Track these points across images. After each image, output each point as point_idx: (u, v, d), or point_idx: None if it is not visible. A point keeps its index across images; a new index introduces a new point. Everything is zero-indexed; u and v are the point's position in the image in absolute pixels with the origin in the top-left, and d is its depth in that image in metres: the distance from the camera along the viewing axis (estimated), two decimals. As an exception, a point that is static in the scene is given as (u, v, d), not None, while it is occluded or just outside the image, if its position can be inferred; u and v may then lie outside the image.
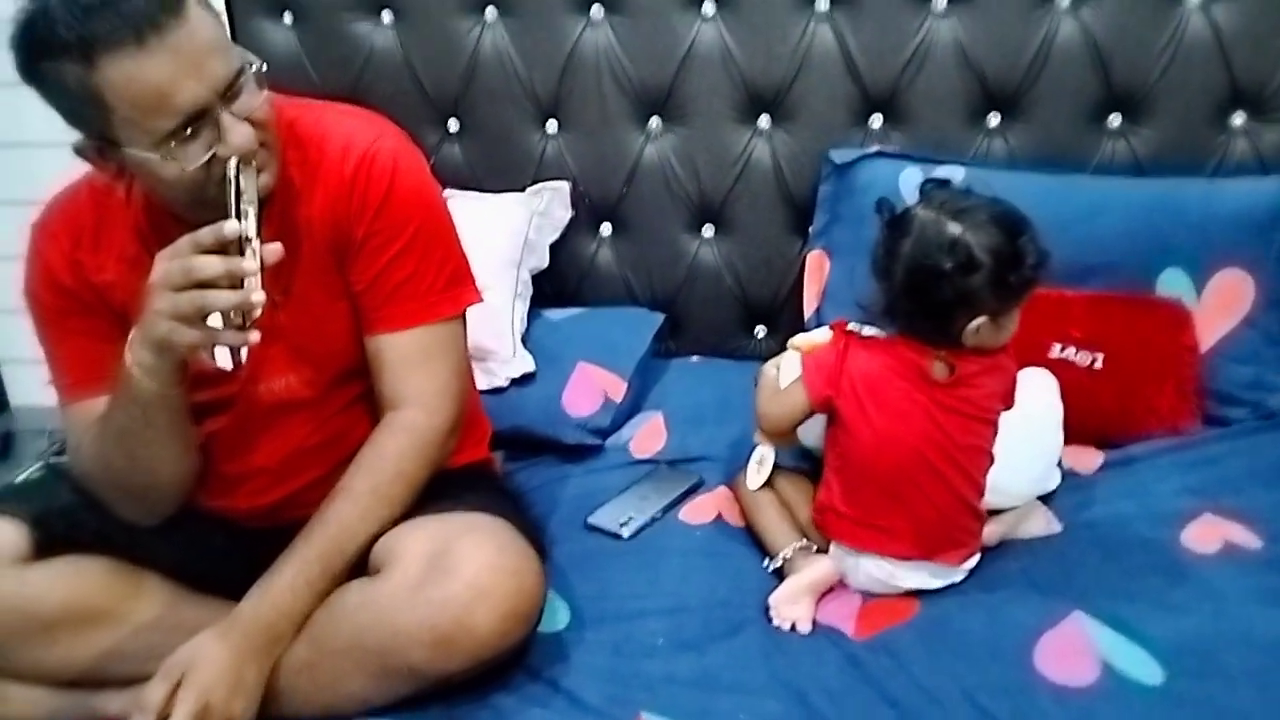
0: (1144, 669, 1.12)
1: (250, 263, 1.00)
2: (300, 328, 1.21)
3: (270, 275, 1.02)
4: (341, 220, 1.18)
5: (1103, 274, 1.60)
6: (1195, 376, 1.57)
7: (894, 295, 1.23)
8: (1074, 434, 1.50)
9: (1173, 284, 1.58)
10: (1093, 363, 1.55)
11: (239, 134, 1.03)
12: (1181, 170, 1.67)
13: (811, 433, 1.38)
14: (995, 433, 1.28)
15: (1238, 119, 1.66)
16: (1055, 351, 1.56)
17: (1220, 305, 1.58)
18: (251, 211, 1.04)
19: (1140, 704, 1.08)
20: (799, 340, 1.39)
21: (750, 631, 1.22)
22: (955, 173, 1.67)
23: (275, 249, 1.03)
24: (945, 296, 1.19)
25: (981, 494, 1.28)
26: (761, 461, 1.39)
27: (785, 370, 1.37)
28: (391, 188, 1.19)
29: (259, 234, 1.03)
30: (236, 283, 1.00)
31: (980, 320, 1.20)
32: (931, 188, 1.27)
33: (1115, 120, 1.70)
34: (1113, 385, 1.55)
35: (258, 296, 1.00)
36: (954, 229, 1.19)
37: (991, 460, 1.28)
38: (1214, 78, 1.63)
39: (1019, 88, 1.69)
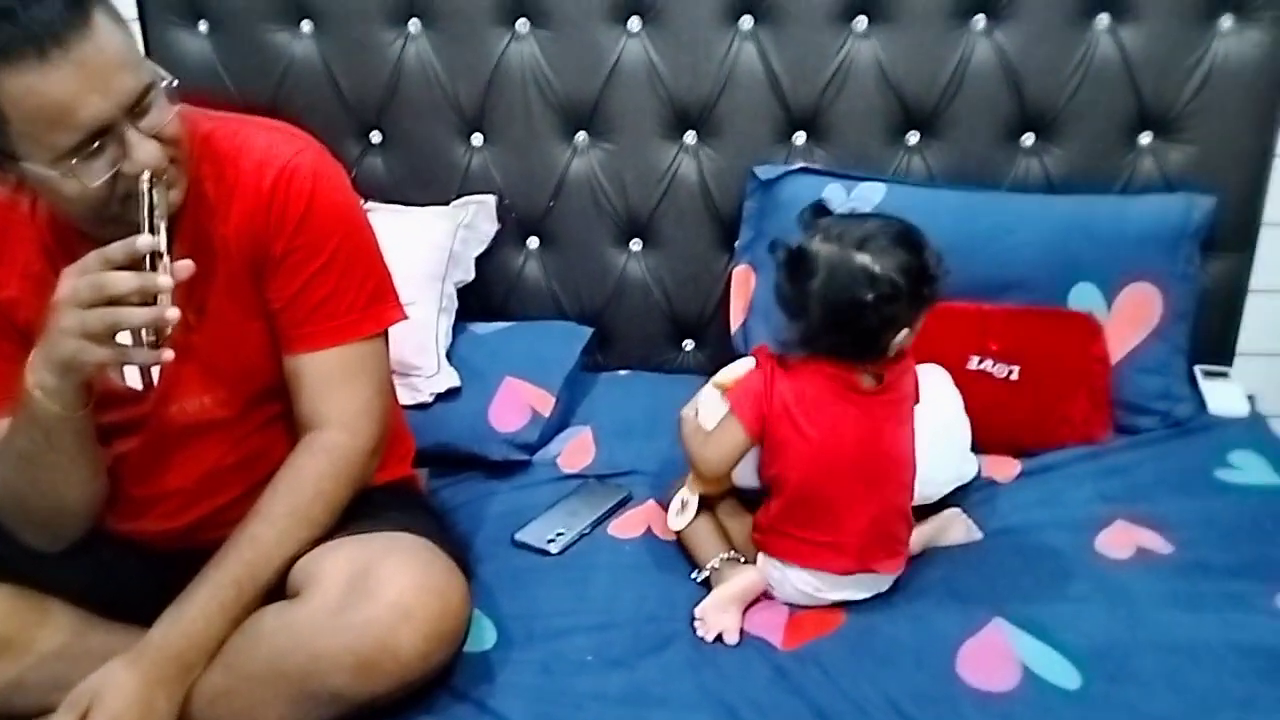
0: (1062, 674, 1.15)
1: (164, 278, 0.97)
2: (215, 347, 1.18)
3: (183, 293, 1.00)
4: (259, 236, 1.15)
5: (1018, 288, 1.64)
6: (1106, 387, 1.61)
7: (813, 330, 1.24)
8: (992, 444, 1.54)
9: (1084, 298, 1.63)
10: (1009, 374, 1.59)
11: (145, 151, 1.00)
12: (1092, 188, 1.72)
13: (742, 474, 1.35)
14: (914, 432, 1.31)
15: (1145, 138, 1.72)
16: (973, 364, 1.60)
17: (1130, 318, 1.63)
18: (163, 227, 1.01)
19: (1060, 708, 1.11)
20: (722, 377, 1.39)
21: (679, 645, 1.22)
22: (876, 189, 1.70)
23: (187, 265, 1.00)
24: (870, 324, 1.21)
25: (911, 499, 1.30)
26: (684, 507, 1.36)
27: (705, 409, 1.36)
28: (311, 203, 1.16)
29: (170, 250, 1.00)
30: (149, 299, 0.97)
31: (904, 333, 1.23)
32: (811, 217, 1.27)
33: (1029, 139, 1.75)
34: (1028, 396, 1.59)
35: (172, 313, 0.97)
36: (863, 260, 1.19)
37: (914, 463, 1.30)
38: (1122, 99, 1.69)
39: (937, 107, 1.73)
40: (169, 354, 0.99)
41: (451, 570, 1.11)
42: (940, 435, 1.39)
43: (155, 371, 1.15)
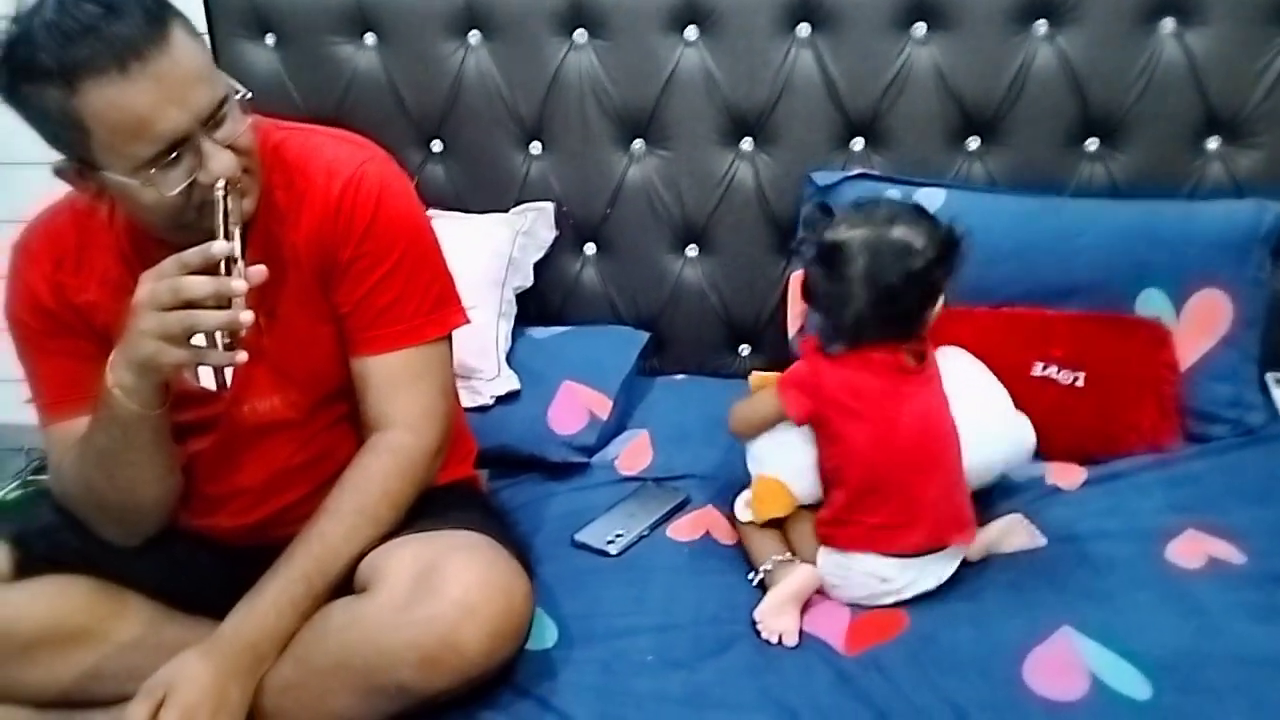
0: (1132, 684, 1.13)
1: (238, 282, 1.00)
2: (285, 350, 1.20)
3: (255, 297, 1.02)
4: (327, 243, 1.18)
5: (1083, 294, 1.62)
6: (1176, 395, 1.58)
7: (861, 317, 1.26)
8: (1057, 451, 1.52)
9: (1152, 304, 1.61)
10: (1074, 381, 1.57)
11: (220, 161, 1.03)
12: (1158, 193, 1.70)
13: (802, 489, 1.34)
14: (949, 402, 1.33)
15: (1212, 143, 1.69)
16: (1037, 370, 1.58)
17: (1199, 325, 1.60)
18: (236, 233, 1.04)
19: (1129, 718, 1.09)
20: (757, 379, 1.42)
21: (739, 648, 1.22)
22: (936, 195, 1.69)
23: (260, 270, 1.02)
24: (914, 297, 1.26)
25: (963, 469, 1.32)
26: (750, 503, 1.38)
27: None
28: (378, 210, 1.19)
29: (243, 255, 1.03)
30: (223, 303, 1.00)
31: (939, 303, 1.28)
32: (821, 214, 1.33)
33: (1093, 144, 1.73)
34: (1094, 403, 1.56)
35: (245, 316, 0.99)
36: (900, 233, 1.25)
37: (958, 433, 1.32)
38: (1189, 103, 1.67)
39: (997, 112, 1.72)
40: (243, 356, 1.02)
41: (514, 568, 1.13)
42: (982, 410, 1.38)
43: (229, 373, 1.17)
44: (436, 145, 1.89)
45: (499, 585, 1.08)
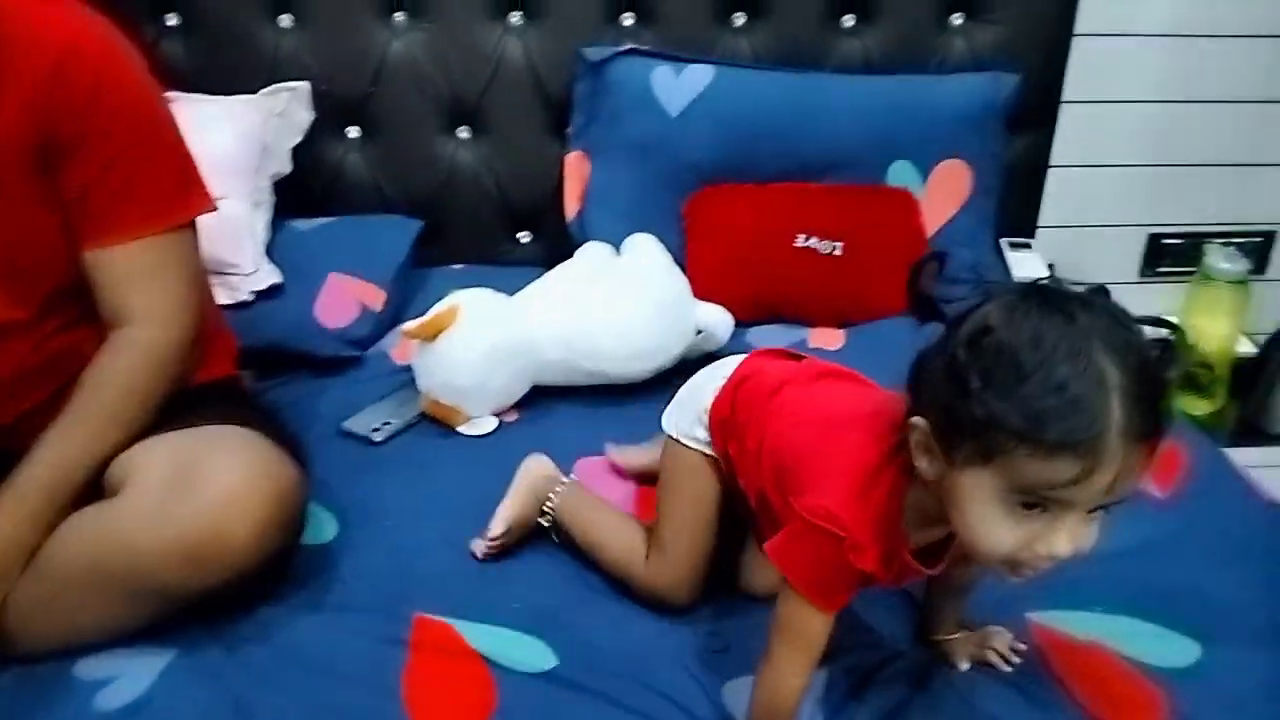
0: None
1: None
2: (4, 242, 1.08)
3: None
4: (43, 121, 1.05)
5: (840, 168, 1.69)
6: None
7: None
8: (820, 316, 1.61)
9: (902, 175, 1.70)
10: (833, 251, 1.65)
11: None
12: (909, 69, 1.78)
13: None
14: None
15: (957, 19, 1.78)
16: (800, 241, 1.65)
17: (943, 194, 1.72)
18: None
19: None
20: (410, 325, 1.38)
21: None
22: (705, 71, 1.71)
23: None
24: None
25: None
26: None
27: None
28: (100, 82, 1.07)
29: None
30: None
31: None
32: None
33: (849, 20, 1.78)
34: (852, 270, 1.65)
35: None
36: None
37: None
38: (935, -22, 1.75)
39: (761, -13, 1.74)
40: None
41: (282, 458, 1.08)
42: (659, 298, 1.46)
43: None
44: (171, 18, 1.71)
45: (265, 474, 1.02)
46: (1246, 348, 1.96)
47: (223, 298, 1.48)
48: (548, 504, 1.19)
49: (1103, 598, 1.10)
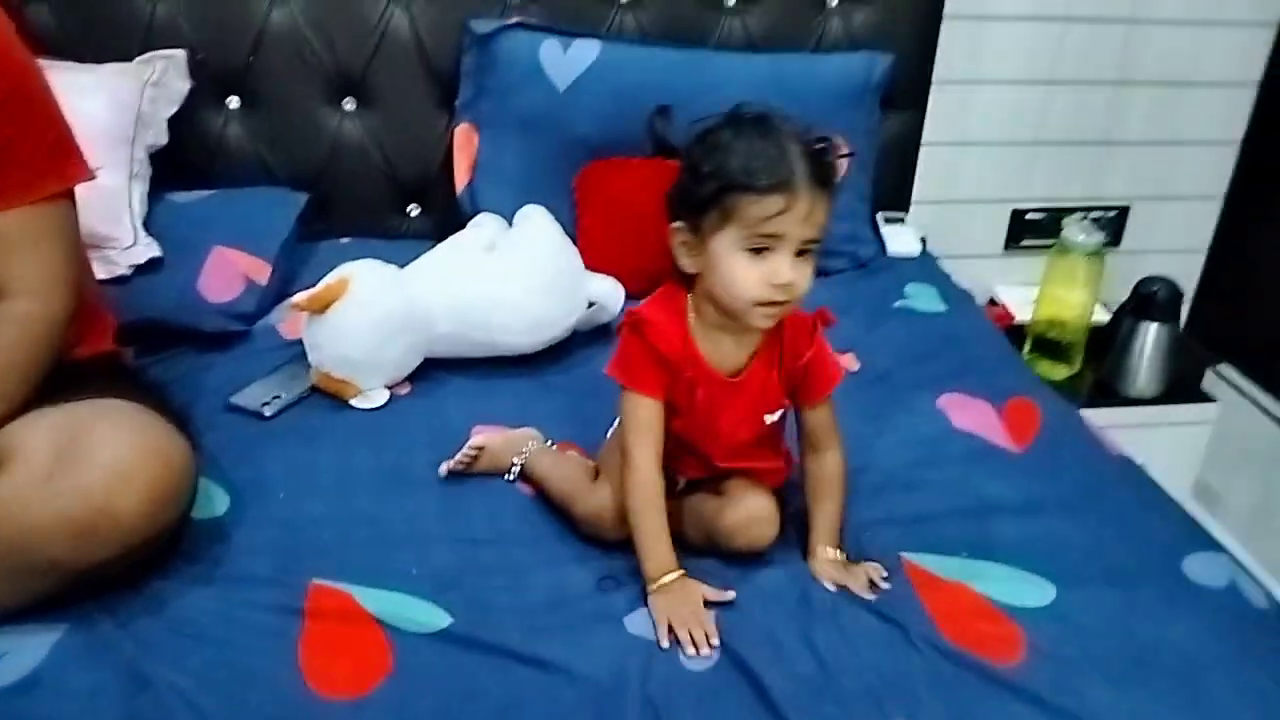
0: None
1: None
2: None
3: None
4: None
5: (726, 143, 1.74)
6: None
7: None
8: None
9: (783, 150, 1.75)
10: (720, 223, 1.69)
11: None
12: (789, 47, 1.84)
13: None
14: None
15: (834, 1, 1.85)
16: (687, 215, 1.69)
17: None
18: None
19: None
20: (300, 297, 1.39)
21: (424, 493, 1.24)
22: (592, 46, 1.73)
23: None
24: None
25: None
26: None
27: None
28: None
29: None
30: None
31: None
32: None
33: (731, 0, 1.83)
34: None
35: None
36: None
37: None
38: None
39: (644, -36, 1.77)
40: None
41: (169, 430, 1.07)
42: (551, 270, 1.51)
43: None
44: (37, -18, 1.64)
45: (153, 448, 1.01)
46: (1101, 316, 2.10)
47: (100, 272, 1.44)
48: (522, 452, 1.28)
49: (967, 543, 1.18)
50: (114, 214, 1.52)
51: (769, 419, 1.16)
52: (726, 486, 1.17)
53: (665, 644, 1.03)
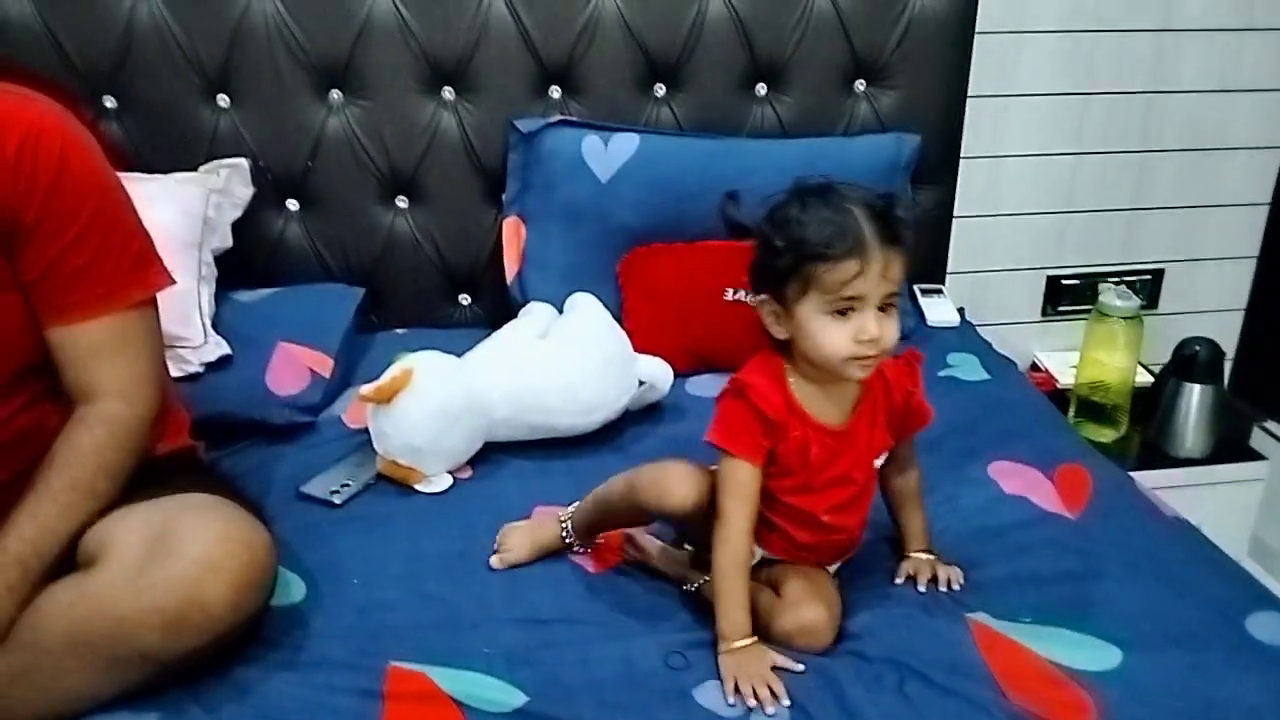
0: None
1: None
2: None
3: None
4: (5, 206, 1.08)
5: (764, 224, 1.80)
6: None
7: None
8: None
9: (821, 229, 1.81)
10: (763, 302, 1.75)
11: None
12: (819, 132, 1.91)
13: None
14: None
15: (860, 85, 1.92)
16: (729, 295, 1.75)
17: (859, 245, 1.83)
18: None
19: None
20: (367, 389, 1.42)
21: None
22: (631, 139, 1.80)
23: None
24: None
25: None
26: None
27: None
28: (62, 166, 1.11)
29: None
30: None
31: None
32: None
33: (761, 89, 1.91)
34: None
35: None
36: None
37: None
38: (838, 50, 1.88)
39: (679, 60, 1.85)
40: None
41: (251, 521, 1.11)
42: (602, 354, 1.56)
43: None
44: (109, 101, 1.75)
45: (239, 539, 1.06)
46: (1145, 378, 2.11)
47: (174, 370, 1.50)
48: (562, 518, 1.31)
49: (1029, 608, 1.19)
50: (185, 315, 1.59)
51: (877, 463, 1.23)
52: (787, 589, 1.18)
53: (732, 700, 1.05)
